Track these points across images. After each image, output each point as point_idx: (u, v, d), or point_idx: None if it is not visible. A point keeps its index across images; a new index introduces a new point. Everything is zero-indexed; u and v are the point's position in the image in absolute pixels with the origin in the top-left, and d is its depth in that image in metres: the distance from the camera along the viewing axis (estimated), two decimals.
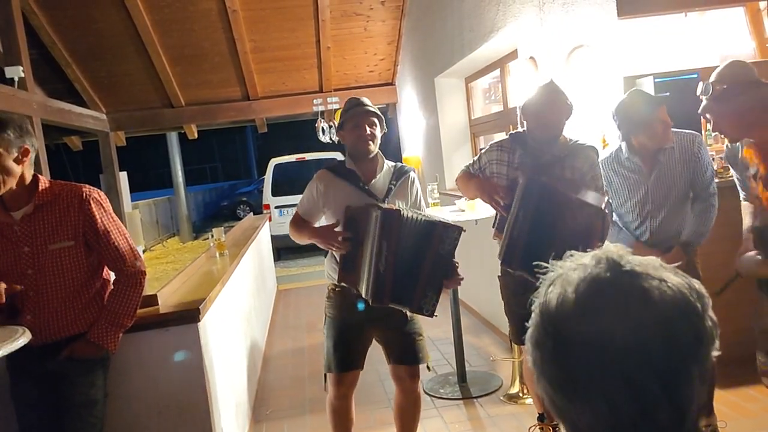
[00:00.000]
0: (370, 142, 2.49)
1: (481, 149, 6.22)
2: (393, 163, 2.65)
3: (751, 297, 3.24)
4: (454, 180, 2.92)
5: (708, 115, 2.27)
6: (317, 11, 6.78)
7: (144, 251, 12.24)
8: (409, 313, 2.53)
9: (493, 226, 2.69)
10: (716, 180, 2.82)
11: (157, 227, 16.11)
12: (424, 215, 2.38)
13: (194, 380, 2.46)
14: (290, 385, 4.16)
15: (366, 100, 2.57)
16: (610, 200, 2.72)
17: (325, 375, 2.62)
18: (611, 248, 0.70)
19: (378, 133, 2.52)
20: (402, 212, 2.30)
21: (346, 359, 2.56)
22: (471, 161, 2.84)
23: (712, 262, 3.08)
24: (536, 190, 2.41)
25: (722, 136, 2.38)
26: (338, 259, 2.48)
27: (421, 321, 2.54)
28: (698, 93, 2.26)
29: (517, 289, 2.58)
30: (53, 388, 2.08)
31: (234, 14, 6.55)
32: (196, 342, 2.47)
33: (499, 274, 2.75)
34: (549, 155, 2.57)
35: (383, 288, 2.28)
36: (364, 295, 2.34)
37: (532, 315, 0.70)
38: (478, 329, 4.97)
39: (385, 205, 2.36)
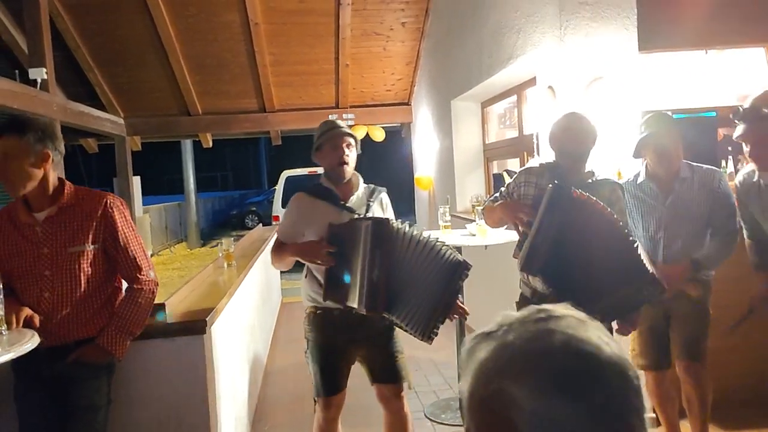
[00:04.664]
0: (348, 163, 2.56)
1: (493, 174, 6.26)
2: (366, 185, 2.70)
3: (761, 339, 3.19)
4: (481, 210, 2.82)
5: (745, 141, 2.31)
6: (338, 29, 6.86)
7: (152, 256, 12.29)
8: (391, 331, 2.57)
9: (517, 249, 2.58)
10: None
11: (165, 232, 16.20)
12: (439, 242, 2.35)
13: (197, 392, 2.45)
14: (290, 401, 4.12)
15: (341, 123, 2.63)
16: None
17: (314, 399, 2.60)
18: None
19: (354, 154, 2.59)
20: (392, 222, 2.36)
21: (333, 382, 2.55)
22: (498, 192, 2.77)
23: (723, 302, 3.06)
24: (565, 197, 2.29)
25: (756, 162, 2.39)
26: (323, 278, 2.47)
27: (420, 344, 2.50)
28: (732, 116, 2.29)
29: None
30: (58, 390, 2.08)
31: (256, 27, 6.64)
32: (201, 354, 2.46)
33: (517, 300, 2.71)
34: (576, 180, 2.49)
35: (377, 297, 2.29)
36: (356, 307, 2.34)
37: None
38: None
39: (374, 216, 2.40)
